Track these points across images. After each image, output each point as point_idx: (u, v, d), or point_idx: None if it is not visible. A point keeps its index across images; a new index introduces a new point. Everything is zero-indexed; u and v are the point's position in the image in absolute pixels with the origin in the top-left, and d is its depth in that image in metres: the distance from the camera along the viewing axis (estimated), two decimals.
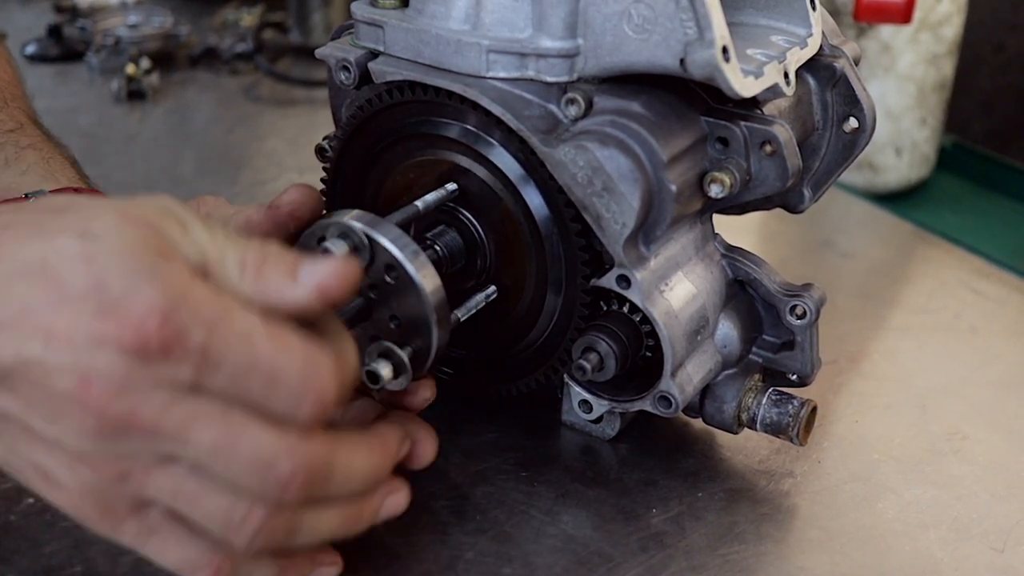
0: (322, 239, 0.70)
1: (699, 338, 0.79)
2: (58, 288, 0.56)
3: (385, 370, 0.69)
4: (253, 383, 0.58)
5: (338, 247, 0.68)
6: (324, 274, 0.61)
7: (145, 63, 1.63)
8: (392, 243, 0.69)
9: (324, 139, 0.86)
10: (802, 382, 0.84)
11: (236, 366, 0.57)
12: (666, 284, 0.77)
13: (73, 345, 0.56)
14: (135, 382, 0.56)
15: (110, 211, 0.59)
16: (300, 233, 0.72)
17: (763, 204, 0.85)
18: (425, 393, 0.73)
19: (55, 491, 0.60)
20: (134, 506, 0.60)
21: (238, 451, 0.58)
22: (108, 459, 0.58)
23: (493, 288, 0.80)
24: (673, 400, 0.77)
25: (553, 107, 0.75)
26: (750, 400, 0.81)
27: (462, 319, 0.77)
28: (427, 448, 0.72)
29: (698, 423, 0.86)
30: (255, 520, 0.60)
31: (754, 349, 0.84)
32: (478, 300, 0.79)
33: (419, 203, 0.77)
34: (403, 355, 0.70)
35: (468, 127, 0.77)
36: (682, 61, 0.69)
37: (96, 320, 0.55)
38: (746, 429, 0.83)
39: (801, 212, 0.86)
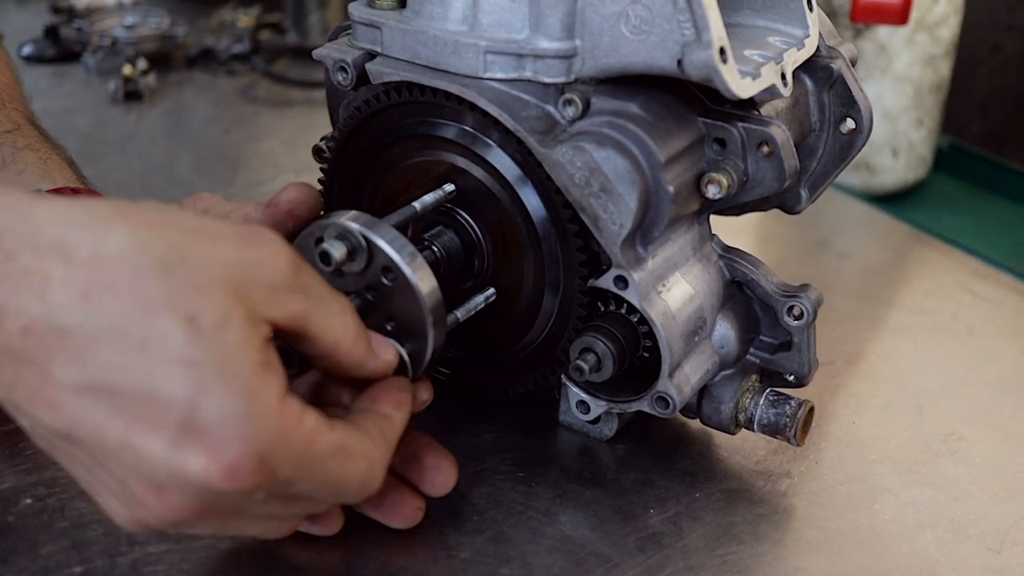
0: (320, 240, 0.70)
1: (696, 339, 0.79)
2: (151, 384, 0.55)
3: None
4: (318, 495, 0.63)
5: (335, 248, 0.68)
6: (390, 351, 0.68)
7: (142, 64, 1.63)
8: (389, 245, 0.69)
9: (321, 140, 0.86)
10: (799, 383, 0.84)
11: (310, 488, 0.61)
12: (663, 285, 0.77)
13: (150, 460, 0.55)
14: (209, 500, 0.57)
15: (224, 281, 0.57)
16: (298, 232, 0.72)
17: (760, 205, 0.85)
18: (423, 395, 0.74)
19: (102, 501, 0.61)
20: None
21: (287, 515, 0.66)
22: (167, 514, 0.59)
23: (492, 290, 0.80)
24: (671, 401, 0.77)
25: (551, 108, 0.75)
26: (747, 401, 0.81)
27: (461, 320, 0.77)
28: (447, 477, 0.74)
29: (695, 424, 0.86)
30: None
31: (751, 350, 0.84)
32: (477, 302, 0.79)
33: (417, 204, 0.77)
34: (403, 352, 0.70)
35: (466, 128, 0.77)
36: (679, 62, 0.70)
37: (185, 442, 0.55)
38: (743, 430, 0.83)
39: (798, 213, 0.86)
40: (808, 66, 0.83)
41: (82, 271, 0.55)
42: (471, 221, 0.80)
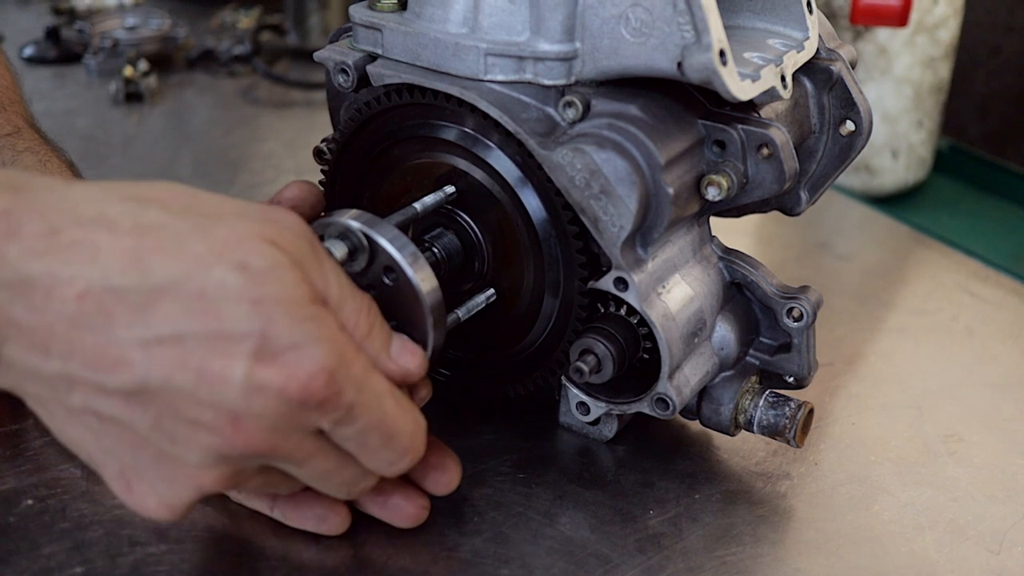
0: (321, 239, 0.70)
1: (696, 340, 0.79)
2: (218, 323, 0.58)
3: None
4: (373, 439, 0.64)
5: (337, 247, 0.68)
6: (412, 361, 0.68)
7: (143, 65, 1.63)
8: (391, 244, 0.69)
9: (322, 142, 0.86)
10: (799, 384, 0.84)
11: (367, 423, 0.63)
12: (663, 286, 0.77)
13: (228, 386, 0.58)
14: (283, 424, 0.61)
15: (259, 235, 0.60)
16: None
17: (760, 207, 0.85)
18: (421, 392, 0.74)
19: (136, 491, 0.63)
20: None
21: (336, 479, 0.67)
22: (219, 473, 0.62)
23: (492, 290, 0.80)
24: (670, 402, 0.77)
25: (551, 110, 0.75)
26: (747, 402, 0.82)
27: (463, 319, 0.78)
28: (452, 476, 0.74)
29: (695, 425, 0.86)
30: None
31: (751, 351, 0.84)
32: (478, 302, 0.79)
33: (417, 205, 0.77)
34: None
35: (466, 130, 0.77)
36: (679, 64, 0.70)
37: (260, 366, 0.58)
38: (743, 431, 0.83)
39: (798, 215, 0.87)
40: (808, 68, 0.83)
41: (129, 239, 0.58)
42: (471, 222, 0.80)
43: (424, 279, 0.69)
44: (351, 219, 0.69)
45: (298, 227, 0.64)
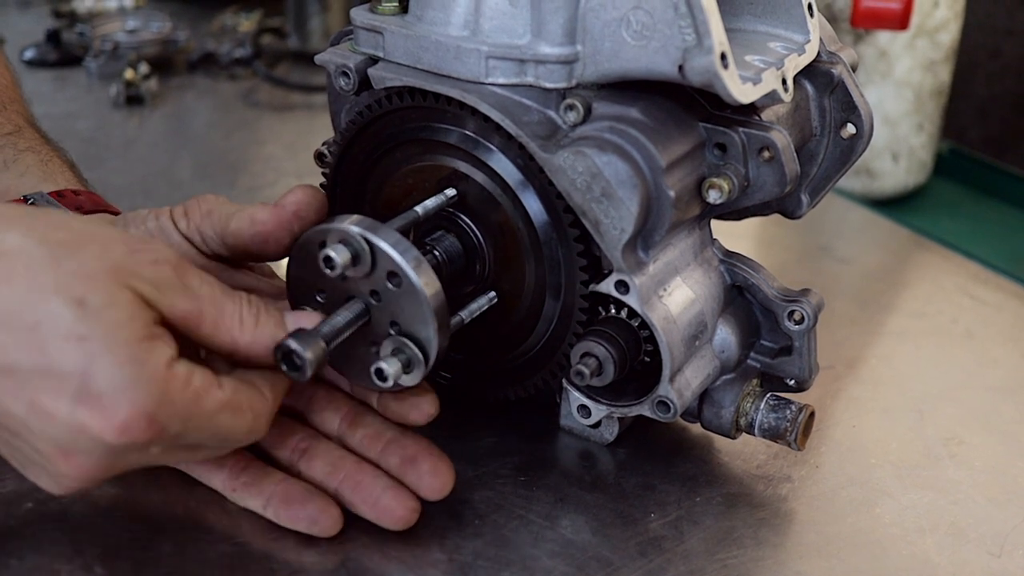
0: (323, 244, 0.70)
1: (697, 343, 0.79)
2: (46, 360, 0.60)
3: (393, 367, 0.70)
4: (211, 442, 0.68)
5: (339, 253, 0.68)
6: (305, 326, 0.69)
7: (143, 68, 1.63)
8: (393, 249, 0.69)
9: (323, 145, 0.86)
10: (800, 387, 0.84)
11: (199, 439, 0.66)
12: (664, 289, 0.77)
13: (55, 423, 0.61)
14: (112, 458, 0.63)
15: (109, 270, 0.62)
16: (303, 233, 0.73)
17: (761, 210, 0.85)
18: (429, 409, 0.75)
19: (31, 473, 0.67)
20: None
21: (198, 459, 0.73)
22: (81, 483, 0.65)
23: (494, 293, 0.80)
24: (671, 405, 0.77)
25: (552, 113, 0.75)
26: (748, 405, 0.82)
27: (466, 321, 0.78)
28: (444, 481, 0.74)
29: (696, 428, 0.86)
30: None
31: (752, 354, 0.84)
32: (480, 304, 0.79)
33: (419, 208, 0.77)
34: (415, 349, 0.70)
35: (467, 133, 0.77)
36: (680, 67, 0.70)
37: (81, 407, 0.60)
38: (744, 434, 0.83)
39: (799, 218, 0.87)
40: (809, 71, 0.83)
41: None
42: (472, 225, 0.80)
43: (428, 284, 0.69)
44: (352, 225, 0.69)
45: (161, 255, 0.66)
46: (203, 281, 0.67)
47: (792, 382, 0.84)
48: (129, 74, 1.60)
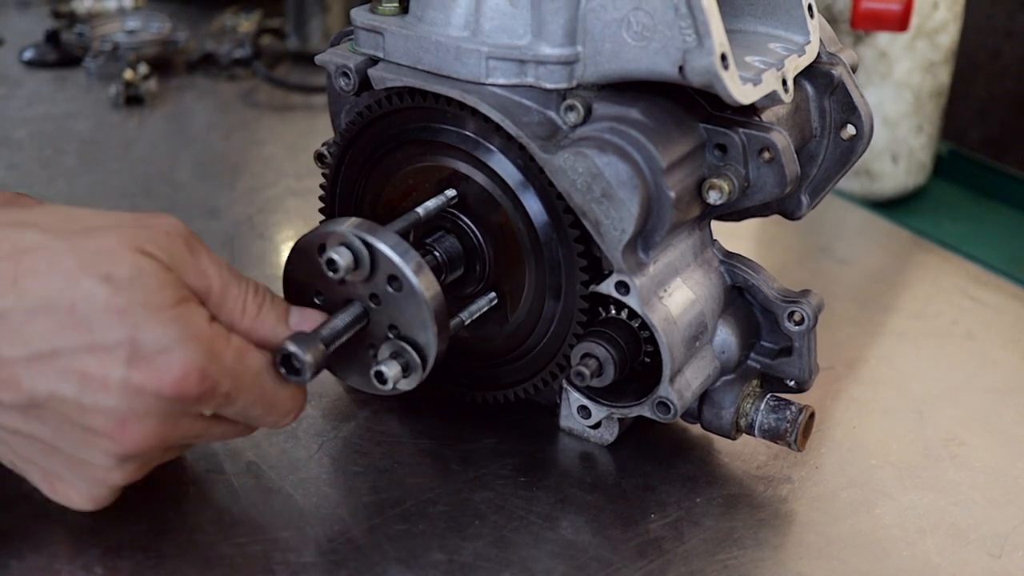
0: (323, 248, 0.70)
1: (697, 344, 0.79)
2: (90, 335, 0.62)
3: (393, 371, 0.70)
4: (255, 410, 0.69)
5: (342, 255, 0.68)
6: (310, 326, 0.70)
7: (143, 69, 1.63)
8: (393, 251, 0.69)
9: (323, 145, 0.86)
10: (800, 388, 0.84)
11: (247, 401, 0.68)
12: (665, 290, 0.77)
13: (109, 391, 0.63)
14: (167, 418, 0.65)
15: (127, 245, 0.64)
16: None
17: (761, 210, 0.85)
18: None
19: (60, 490, 0.68)
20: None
21: (230, 437, 0.74)
22: (125, 471, 0.67)
23: (494, 294, 0.80)
24: (671, 406, 0.77)
25: (552, 113, 0.75)
26: (748, 406, 0.82)
27: (467, 323, 0.78)
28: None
29: (696, 429, 0.86)
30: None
31: (752, 355, 0.84)
32: (480, 305, 0.79)
33: (420, 209, 0.77)
34: (413, 353, 0.70)
35: (467, 133, 0.77)
36: (681, 68, 0.70)
37: (134, 370, 0.62)
38: (744, 435, 0.83)
39: (799, 219, 0.87)
40: (809, 72, 0.83)
41: (6, 263, 0.62)
42: (473, 226, 0.80)
43: (428, 287, 0.69)
44: (352, 227, 0.69)
45: (172, 227, 0.68)
46: (212, 260, 0.68)
47: (792, 383, 0.84)
48: (129, 74, 1.60)
